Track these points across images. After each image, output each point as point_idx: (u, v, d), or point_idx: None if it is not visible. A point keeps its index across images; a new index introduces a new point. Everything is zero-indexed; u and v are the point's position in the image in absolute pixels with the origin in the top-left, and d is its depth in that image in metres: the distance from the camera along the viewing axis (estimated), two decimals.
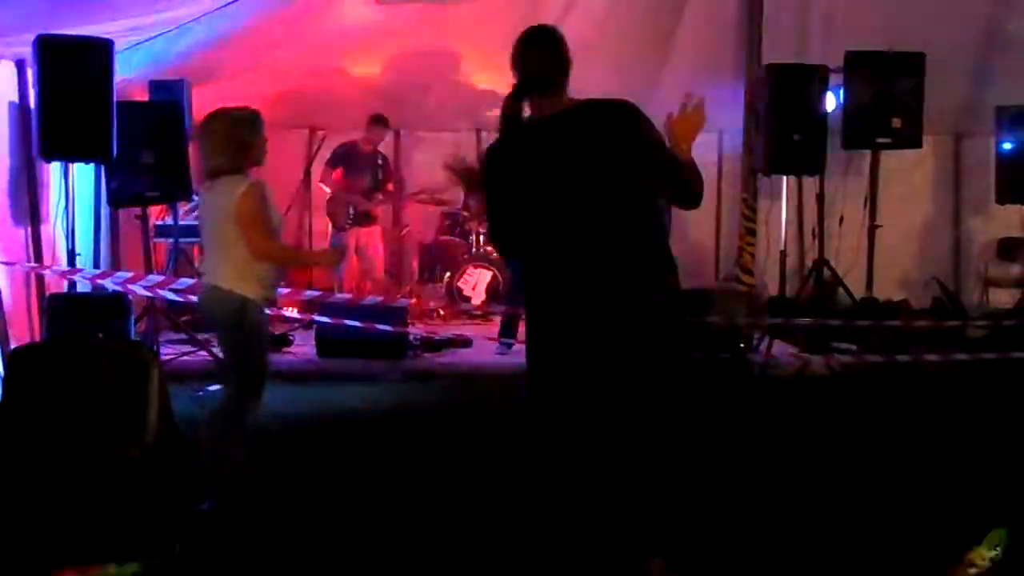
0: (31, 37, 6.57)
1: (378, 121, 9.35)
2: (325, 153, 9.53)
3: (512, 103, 3.47)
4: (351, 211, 9.30)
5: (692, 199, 3.55)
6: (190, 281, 7.78)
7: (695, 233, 10.12)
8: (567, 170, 3.37)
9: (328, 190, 9.36)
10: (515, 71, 3.54)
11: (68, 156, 6.95)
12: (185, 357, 7.61)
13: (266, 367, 4.55)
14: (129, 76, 8.06)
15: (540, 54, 3.53)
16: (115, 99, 6.92)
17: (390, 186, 9.73)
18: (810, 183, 8.99)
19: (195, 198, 8.54)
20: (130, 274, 7.55)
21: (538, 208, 3.41)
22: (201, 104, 8.96)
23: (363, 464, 5.31)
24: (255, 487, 4.76)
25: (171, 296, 7.43)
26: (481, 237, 10.17)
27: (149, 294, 7.41)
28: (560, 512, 3.47)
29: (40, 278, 7.31)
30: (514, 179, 3.45)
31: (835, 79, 8.34)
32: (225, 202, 4.38)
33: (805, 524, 4.41)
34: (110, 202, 8.00)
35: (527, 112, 3.54)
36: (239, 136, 4.48)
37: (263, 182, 4.52)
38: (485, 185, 3.57)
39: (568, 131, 3.42)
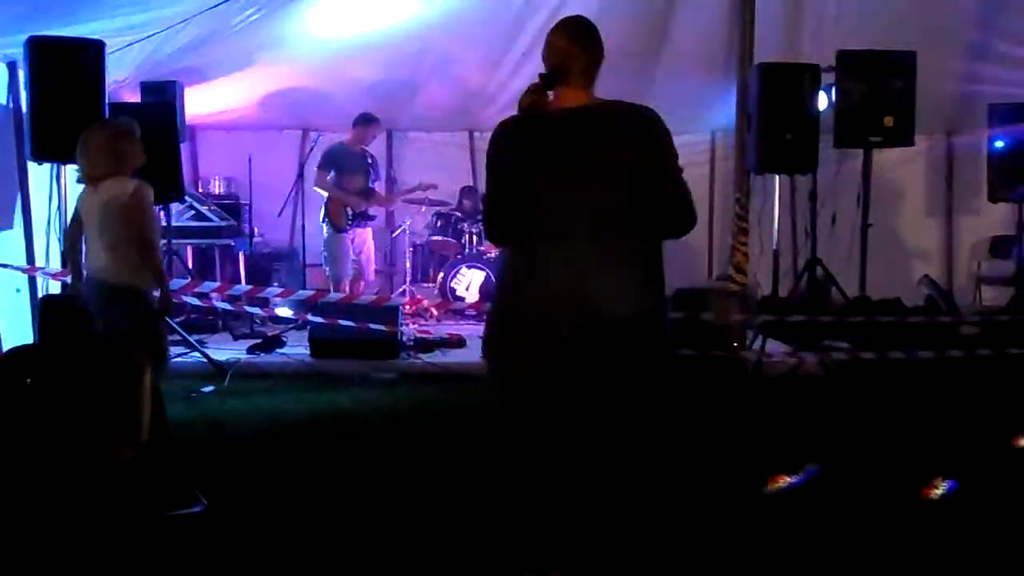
0: (23, 38, 6.57)
1: (365, 120, 9.30)
2: (318, 154, 9.51)
3: (538, 91, 3.36)
4: (350, 212, 9.28)
5: (677, 232, 3.42)
6: (183, 282, 7.80)
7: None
8: (576, 166, 3.31)
9: (324, 194, 9.34)
10: (544, 59, 3.45)
11: (60, 158, 6.94)
12: (178, 359, 7.60)
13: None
14: (121, 78, 8.06)
15: (567, 42, 3.42)
16: (107, 100, 6.91)
17: (378, 185, 9.71)
18: (803, 182, 9.02)
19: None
20: None
21: (537, 199, 3.34)
22: (193, 105, 8.99)
23: (357, 465, 5.31)
24: (248, 489, 4.77)
25: None
26: (474, 237, 10.18)
27: None
28: (545, 498, 3.47)
29: (32, 279, 7.30)
30: (520, 166, 3.38)
31: (827, 78, 8.35)
32: (114, 199, 4.77)
33: (800, 522, 4.41)
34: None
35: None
36: (116, 147, 4.85)
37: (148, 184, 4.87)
38: (489, 164, 3.46)
39: (587, 127, 3.33)
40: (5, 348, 6.75)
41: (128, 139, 4.92)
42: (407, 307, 9.65)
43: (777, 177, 8.68)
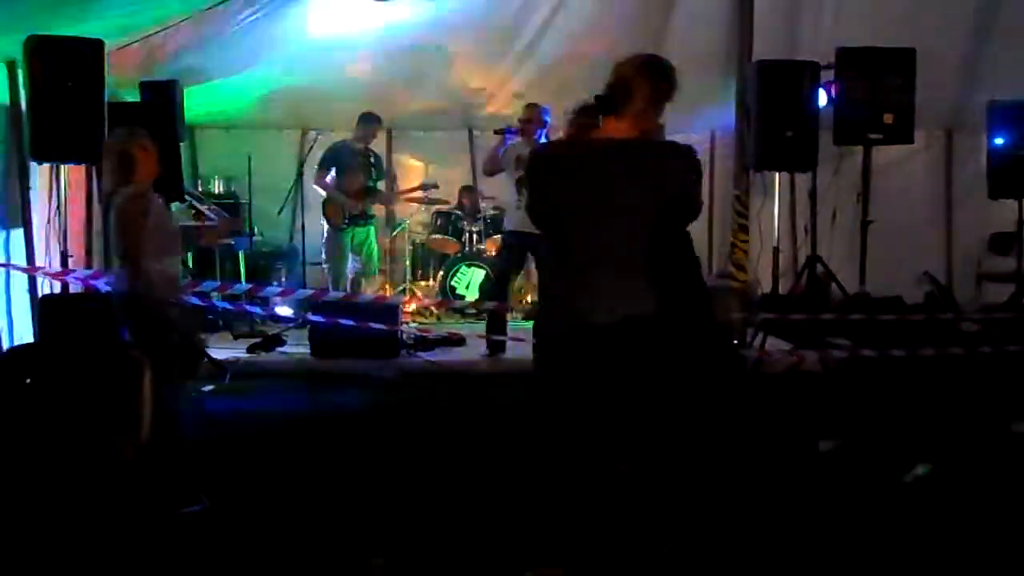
0: (22, 38, 6.56)
1: (368, 119, 9.30)
2: (317, 153, 9.51)
3: (587, 114, 3.53)
4: (347, 211, 9.28)
5: None
6: (183, 281, 7.79)
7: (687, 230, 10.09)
8: (615, 199, 3.40)
9: (323, 192, 9.33)
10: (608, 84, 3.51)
11: (59, 157, 6.94)
12: None
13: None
14: (120, 77, 8.05)
15: (632, 71, 3.48)
16: (106, 100, 6.91)
17: (381, 184, 9.71)
18: (802, 179, 9.01)
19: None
20: None
21: (577, 229, 3.46)
22: (192, 105, 8.98)
23: (357, 463, 5.31)
24: (249, 486, 4.77)
25: None
26: (474, 236, 10.18)
27: None
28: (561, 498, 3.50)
29: (32, 279, 7.29)
30: (562, 194, 3.49)
31: (826, 75, 8.35)
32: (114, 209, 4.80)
33: (800, 520, 4.41)
34: (101, 203, 7.98)
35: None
36: (121, 161, 4.81)
37: (141, 190, 4.82)
38: (532, 184, 3.66)
39: (629, 161, 3.44)
40: (6, 347, 6.76)
41: (136, 151, 4.84)
42: (407, 305, 9.64)
43: (777, 175, 8.69)
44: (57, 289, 7.30)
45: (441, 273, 10.04)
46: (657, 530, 3.54)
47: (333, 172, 9.27)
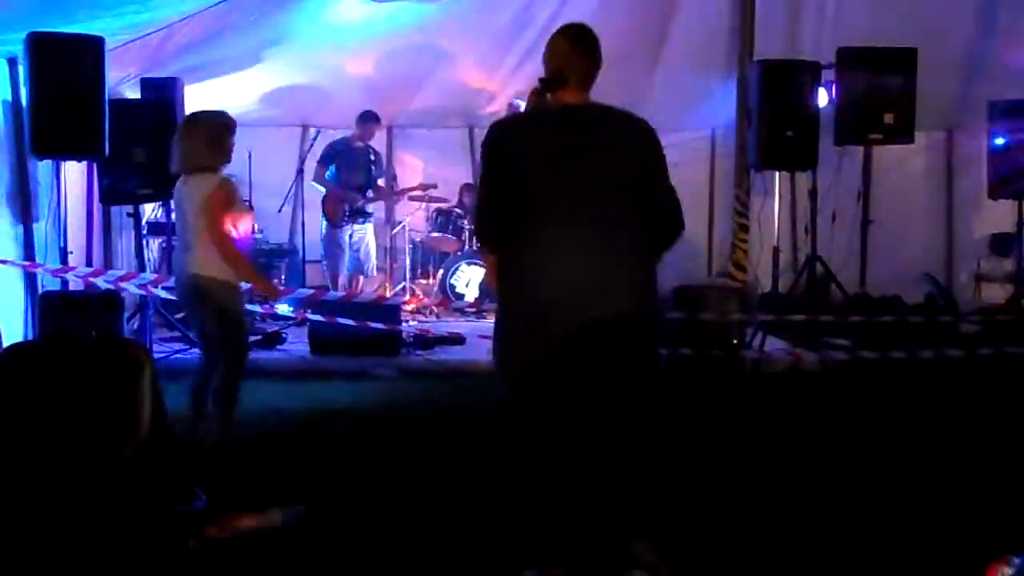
0: (23, 35, 6.56)
1: (367, 117, 9.33)
2: (318, 150, 9.53)
3: (538, 95, 3.49)
4: (347, 208, 9.29)
5: (667, 238, 3.68)
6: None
7: (688, 229, 10.07)
8: (579, 162, 3.36)
9: (322, 189, 9.35)
10: (545, 63, 3.55)
11: (60, 154, 6.94)
12: (178, 355, 7.60)
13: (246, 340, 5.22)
14: (121, 74, 8.06)
15: (569, 48, 3.52)
16: (107, 97, 6.91)
17: (382, 182, 9.73)
18: (803, 179, 9.01)
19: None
20: (122, 272, 7.55)
21: (540, 195, 3.38)
22: (193, 102, 8.98)
23: (356, 461, 5.31)
24: (249, 484, 4.77)
25: (163, 294, 7.42)
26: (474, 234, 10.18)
27: (142, 292, 7.41)
28: (546, 496, 3.48)
29: (32, 276, 7.29)
30: (522, 164, 3.41)
31: (827, 75, 8.35)
32: (203, 192, 4.96)
33: (798, 519, 4.42)
34: (102, 200, 7.99)
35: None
36: (216, 141, 5.02)
37: (232, 179, 5.07)
38: (488, 163, 3.48)
39: (588, 124, 3.43)
40: (5, 344, 6.76)
41: (229, 135, 5.04)
42: (407, 304, 9.64)
43: (777, 174, 8.70)
44: (57, 286, 7.30)
45: (441, 271, 10.04)
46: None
47: (333, 169, 9.29)
